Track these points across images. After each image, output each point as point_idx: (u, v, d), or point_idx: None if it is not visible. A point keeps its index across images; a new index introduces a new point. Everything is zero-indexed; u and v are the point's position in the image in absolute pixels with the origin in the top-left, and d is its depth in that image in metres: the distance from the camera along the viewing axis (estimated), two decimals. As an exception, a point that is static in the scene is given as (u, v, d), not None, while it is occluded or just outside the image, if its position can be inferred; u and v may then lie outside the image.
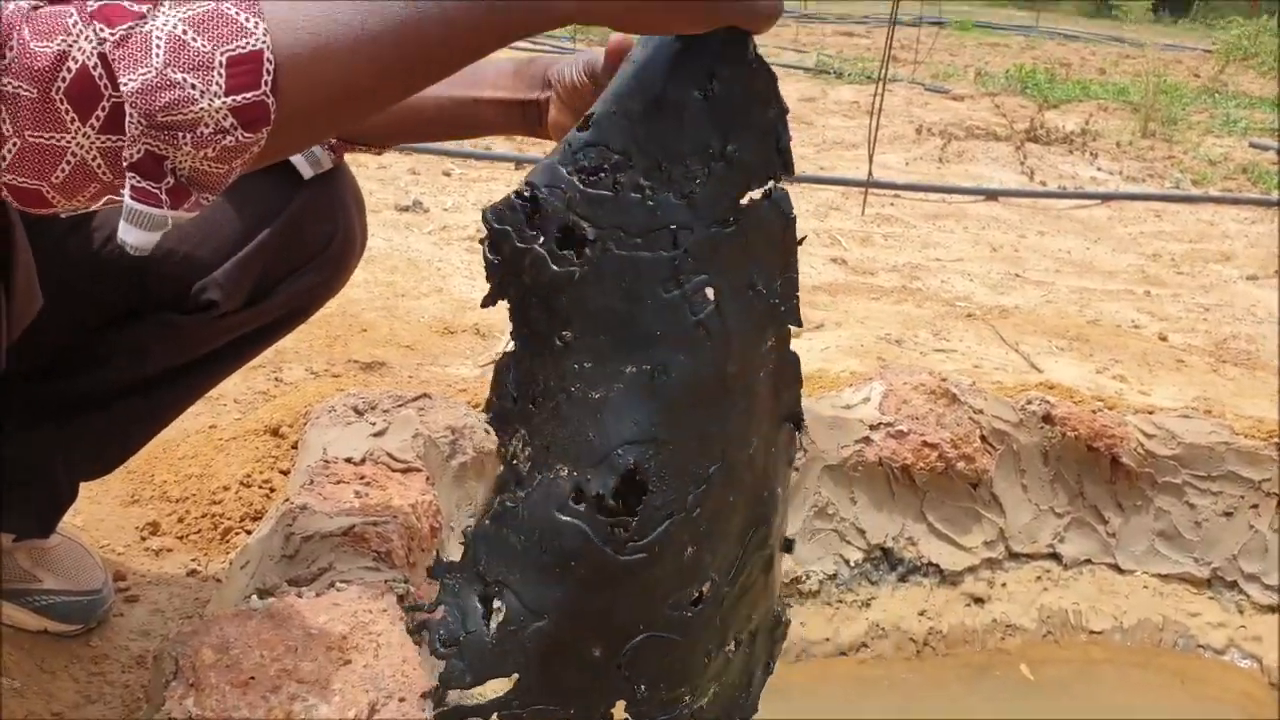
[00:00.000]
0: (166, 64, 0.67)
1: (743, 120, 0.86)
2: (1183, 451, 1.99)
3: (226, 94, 0.68)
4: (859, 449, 1.88)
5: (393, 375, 2.11)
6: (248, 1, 0.69)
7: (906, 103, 7.11)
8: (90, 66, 0.66)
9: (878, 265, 3.34)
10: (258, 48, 0.68)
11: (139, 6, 0.68)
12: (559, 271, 0.86)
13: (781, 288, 0.92)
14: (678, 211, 0.85)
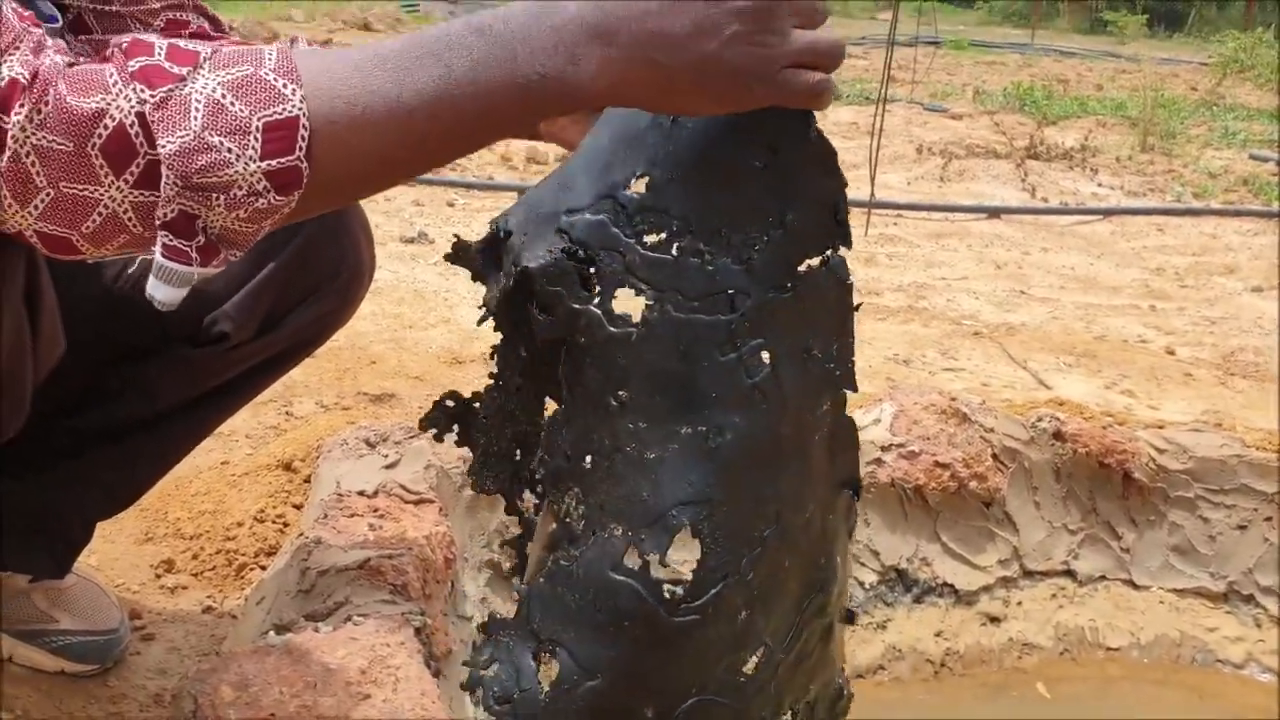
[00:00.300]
0: (205, 127, 0.68)
1: (802, 191, 0.87)
2: (1194, 465, 1.99)
3: (262, 158, 0.69)
4: (871, 470, 1.88)
5: (403, 407, 2.11)
6: (287, 68, 0.71)
7: (906, 122, 7.13)
8: (127, 125, 0.68)
9: (883, 285, 3.35)
10: (294, 114, 0.70)
11: (179, 69, 0.70)
12: (616, 333, 0.87)
13: (838, 352, 0.93)
14: (736, 277, 0.86)
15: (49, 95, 0.67)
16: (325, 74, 0.72)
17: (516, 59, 0.72)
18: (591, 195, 0.87)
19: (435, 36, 0.73)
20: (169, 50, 0.71)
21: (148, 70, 0.69)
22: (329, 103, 0.71)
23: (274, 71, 0.71)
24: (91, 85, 0.68)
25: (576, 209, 0.87)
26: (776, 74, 0.74)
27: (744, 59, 0.73)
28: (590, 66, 0.72)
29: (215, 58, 0.71)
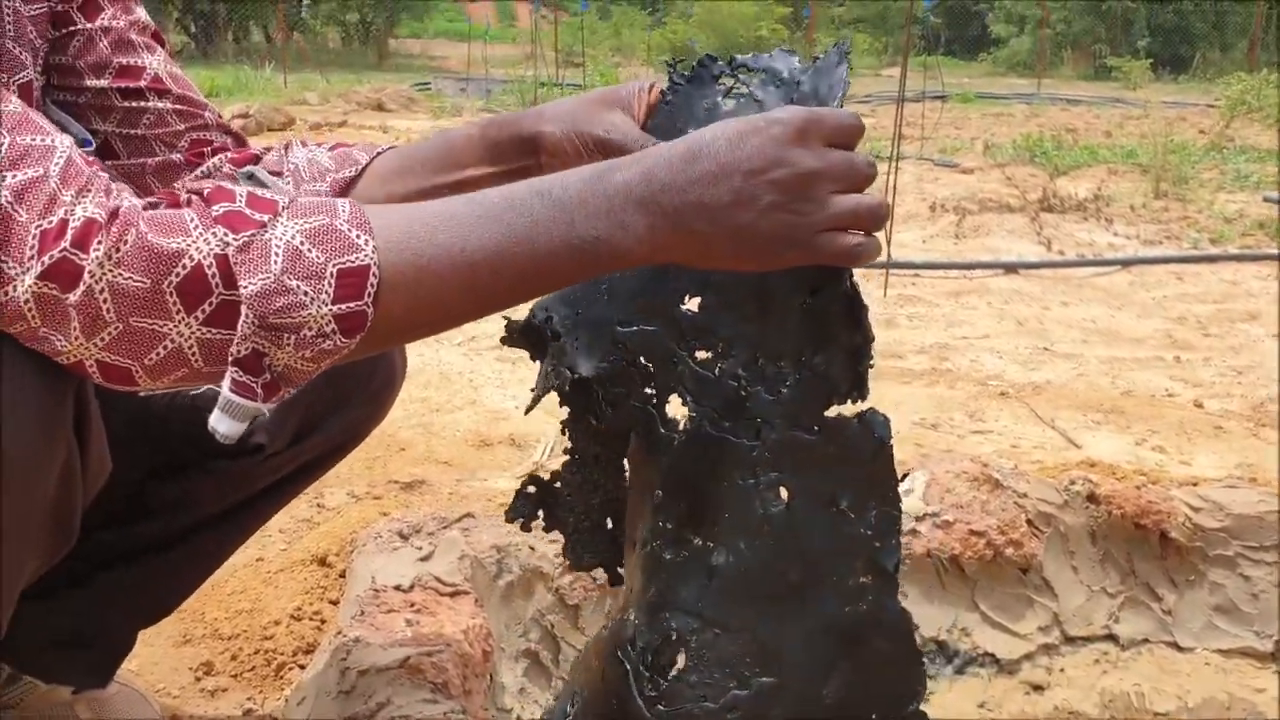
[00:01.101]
0: (284, 271, 0.73)
1: (832, 337, 0.91)
2: (1232, 523, 1.97)
3: (334, 302, 0.74)
4: (906, 541, 1.86)
5: (433, 493, 2.12)
6: (360, 218, 0.76)
7: (917, 179, 7.18)
8: (205, 265, 0.72)
9: (905, 348, 3.35)
10: (365, 263, 0.75)
11: (260, 215, 0.74)
12: (664, 436, 0.92)
13: (877, 520, 0.91)
14: (766, 407, 0.90)
15: (129, 235, 0.71)
16: (394, 228, 0.76)
17: (573, 223, 0.77)
18: (646, 307, 0.92)
19: (499, 198, 0.78)
20: (249, 198, 0.76)
21: (231, 216, 0.74)
22: (397, 254, 0.75)
23: (348, 222, 0.75)
24: (173, 228, 0.72)
25: (629, 321, 0.92)
26: (811, 239, 0.78)
27: (779, 227, 0.77)
28: (637, 232, 0.77)
29: (293, 207, 0.76)
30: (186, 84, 1.12)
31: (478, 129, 1.07)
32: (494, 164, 1.05)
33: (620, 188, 0.77)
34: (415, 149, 1.12)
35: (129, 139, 1.08)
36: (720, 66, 0.95)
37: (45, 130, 0.75)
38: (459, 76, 17.38)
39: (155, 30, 1.12)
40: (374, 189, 1.10)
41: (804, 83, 0.90)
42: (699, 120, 0.94)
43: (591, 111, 0.99)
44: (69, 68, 1.06)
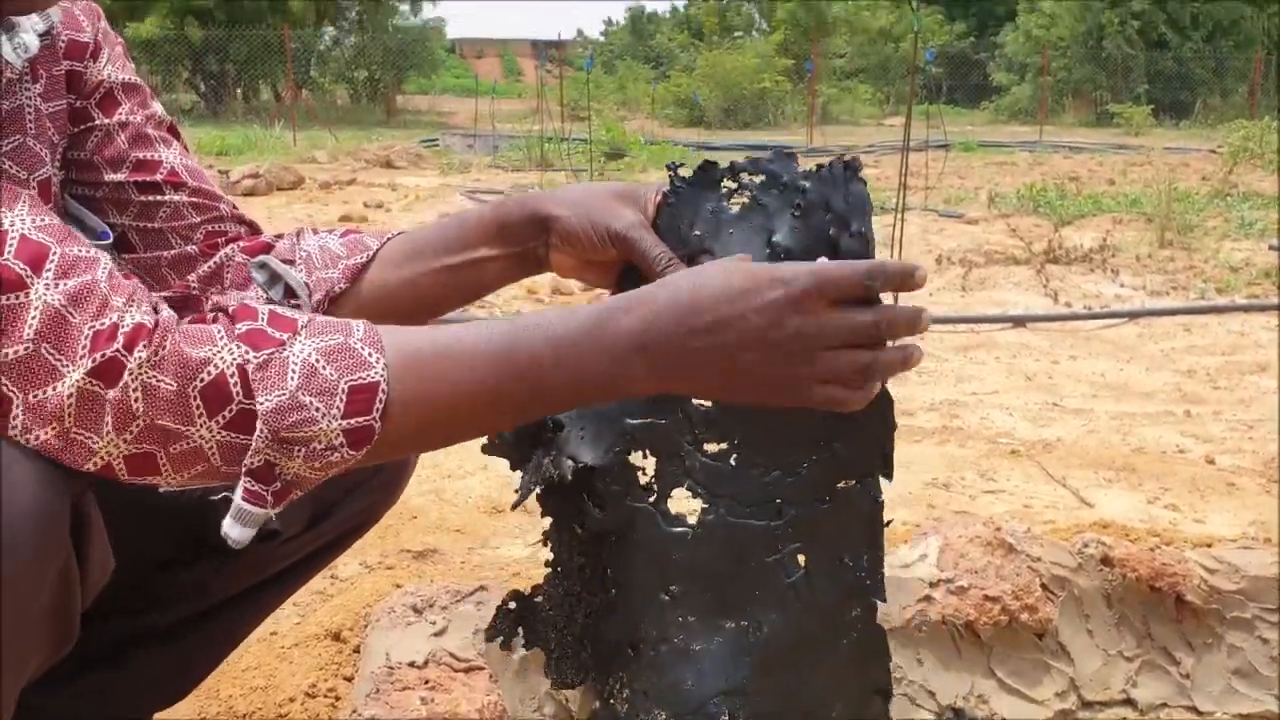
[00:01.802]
0: (299, 388, 0.78)
1: (856, 429, 0.94)
2: (1247, 585, 1.96)
3: (343, 417, 0.78)
4: (921, 609, 1.86)
5: (445, 562, 2.12)
6: (373, 338, 0.81)
7: (923, 230, 7.22)
8: (228, 375, 0.77)
9: (915, 404, 3.35)
10: (375, 379, 0.79)
11: (280, 334, 0.79)
12: (672, 532, 0.94)
13: (868, 563, 0.98)
14: (785, 488, 0.94)
15: (167, 342, 0.77)
16: (405, 351, 0.81)
17: (576, 367, 0.81)
18: (655, 401, 0.93)
19: (503, 337, 0.82)
20: (271, 317, 0.80)
21: (253, 334, 0.79)
22: (406, 377, 0.80)
23: (361, 340, 0.80)
24: (202, 339, 0.78)
25: (638, 414, 0.93)
26: (801, 389, 0.81)
27: (771, 380, 0.81)
28: (637, 374, 0.81)
29: (311, 325, 0.80)
30: (202, 176, 1.14)
31: (490, 209, 1.09)
32: (505, 245, 1.07)
33: (623, 334, 0.80)
34: (426, 232, 1.13)
35: (145, 232, 1.10)
36: (722, 170, 0.97)
37: (85, 242, 0.80)
38: (466, 132, 17.57)
39: (171, 124, 1.15)
40: (385, 274, 1.12)
41: (810, 191, 0.92)
42: (705, 220, 0.96)
43: (607, 204, 1.01)
44: (87, 163, 1.08)
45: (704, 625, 0.94)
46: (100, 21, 1.11)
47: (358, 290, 1.11)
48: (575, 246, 1.03)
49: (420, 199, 9.25)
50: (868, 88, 31.99)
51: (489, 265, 1.08)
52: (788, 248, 0.92)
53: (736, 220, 0.95)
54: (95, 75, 1.08)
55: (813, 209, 0.92)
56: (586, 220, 1.01)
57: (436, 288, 1.10)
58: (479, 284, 1.11)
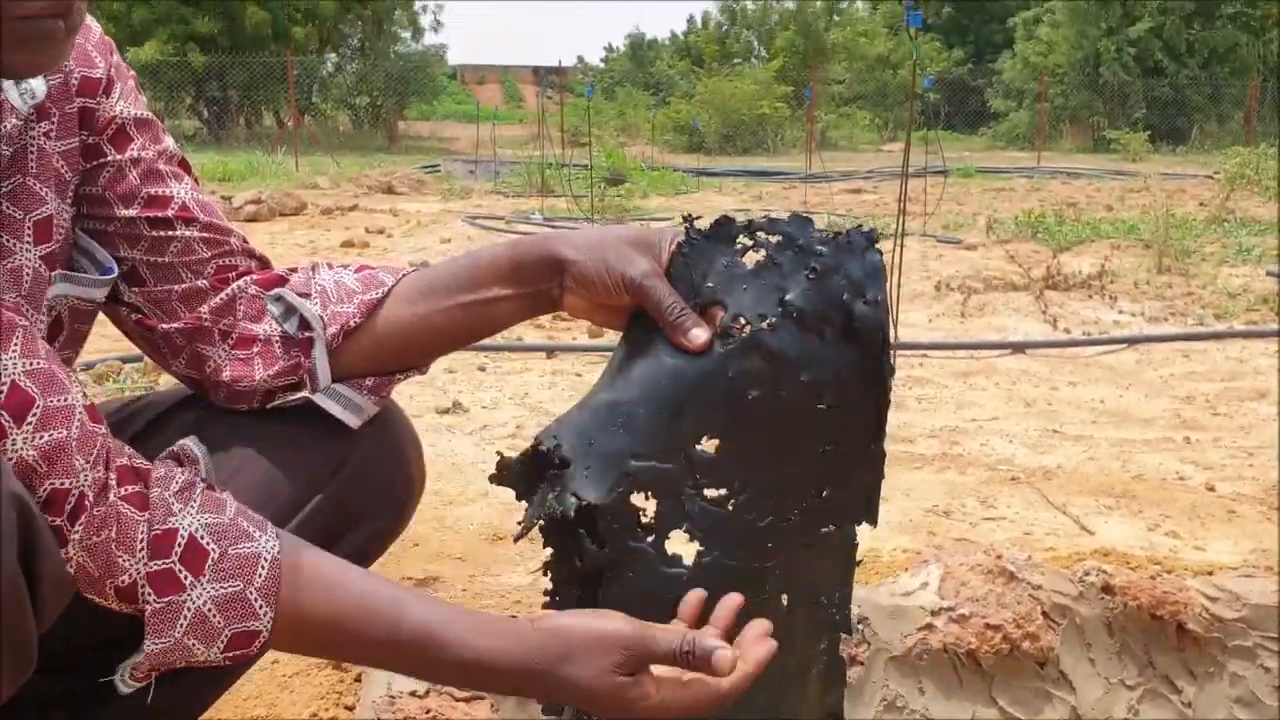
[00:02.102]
0: (186, 633, 0.89)
1: (846, 478, 0.97)
2: (1249, 613, 1.96)
3: (223, 651, 0.90)
4: (922, 637, 1.86)
5: (447, 590, 2.12)
6: (270, 590, 0.90)
7: (921, 256, 7.24)
8: (138, 587, 0.89)
9: (915, 431, 3.36)
10: (258, 629, 0.90)
11: (186, 576, 0.89)
12: (669, 573, 0.95)
13: (839, 599, 1.02)
14: (776, 534, 0.96)
15: (102, 533, 0.87)
16: (298, 606, 0.91)
17: (440, 665, 0.93)
18: (661, 443, 0.94)
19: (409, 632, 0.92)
20: (185, 549, 0.89)
21: (160, 576, 0.89)
22: (290, 628, 0.91)
23: (258, 591, 0.90)
24: (127, 542, 0.89)
25: (644, 454, 0.94)
26: None
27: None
28: (495, 686, 1.00)
29: (219, 565, 0.89)
30: (213, 211, 1.15)
31: (505, 249, 1.10)
32: (519, 285, 1.08)
33: (514, 668, 0.91)
34: (440, 270, 1.14)
35: (155, 266, 1.10)
36: (737, 227, 1.00)
37: (65, 386, 0.88)
38: (468, 158, 17.63)
39: (182, 158, 1.16)
40: (400, 310, 1.13)
41: (826, 255, 0.94)
42: (718, 274, 0.98)
43: (622, 250, 1.03)
44: (99, 198, 1.08)
45: None
46: (113, 56, 1.12)
47: (372, 325, 1.12)
48: (589, 290, 1.04)
49: (422, 225, 9.28)
50: (866, 114, 32.14)
51: (502, 304, 1.09)
52: (801, 308, 0.94)
53: (750, 276, 0.97)
54: (108, 111, 1.09)
55: (828, 273, 0.94)
56: (602, 265, 1.03)
57: (450, 325, 1.12)
58: (492, 322, 1.12)
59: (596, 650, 0.91)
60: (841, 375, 0.94)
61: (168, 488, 0.92)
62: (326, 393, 1.13)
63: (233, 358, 1.12)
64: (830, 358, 0.94)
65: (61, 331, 1.09)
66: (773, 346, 0.93)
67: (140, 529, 0.89)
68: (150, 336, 1.14)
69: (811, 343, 0.93)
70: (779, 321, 0.94)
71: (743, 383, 0.93)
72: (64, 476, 0.86)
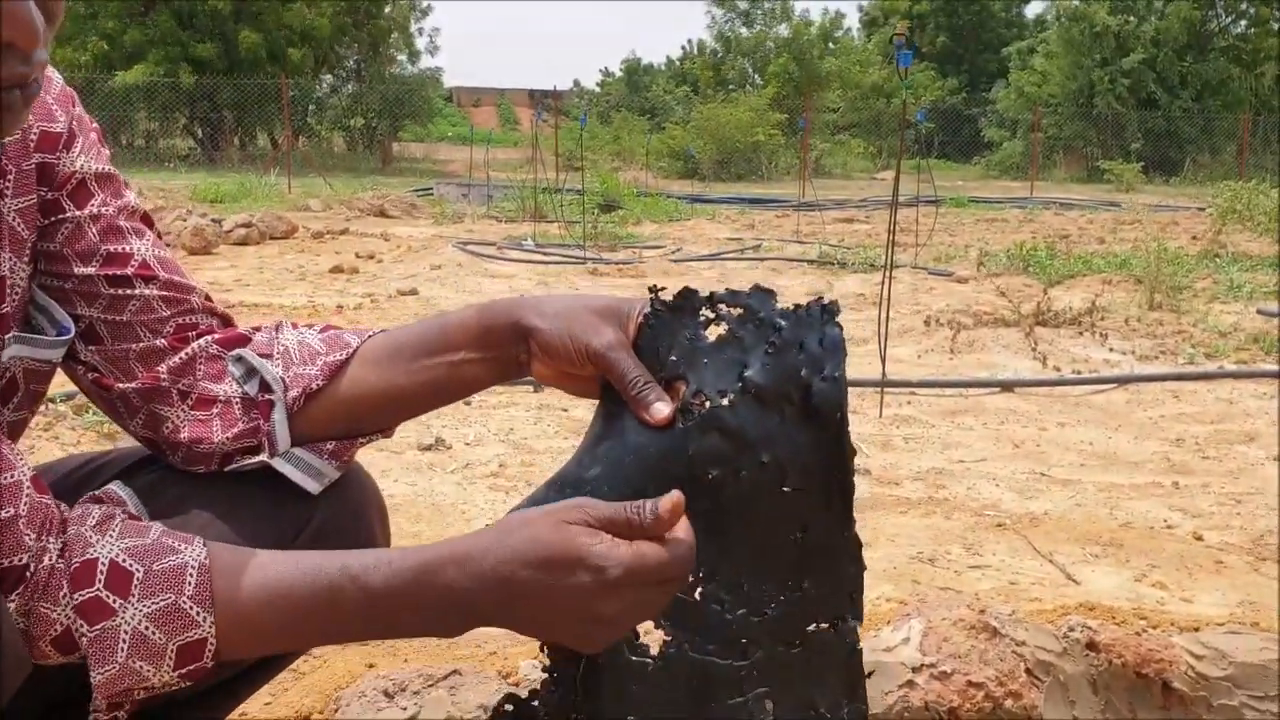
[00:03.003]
0: (129, 656, 0.86)
1: (826, 568, 0.93)
2: (1235, 671, 1.93)
3: (174, 669, 0.87)
4: (903, 694, 1.83)
5: (421, 641, 2.08)
6: (203, 595, 0.87)
7: (912, 289, 7.24)
8: (73, 631, 0.87)
9: (901, 473, 3.33)
10: (203, 636, 0.87)
11: (114, 600, 0.86)
12: (634, 661, 0.91)
13: (849, 715, 0.96)
14: (750, 628, 0.92)
15: (34, 600, 0.86)
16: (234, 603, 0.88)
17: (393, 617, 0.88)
18: None
19: (326, 586, 0.88)
20: (109, 576, 0.87)
21: (86, 606, 0.86)
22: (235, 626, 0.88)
23: (191, 600, 0.87)
24: (51, 596, 0.87)
25: None
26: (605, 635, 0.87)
27: (574, 638, 0.87)
28: (452, 626, 0.89)
29: (146, 582, 0.87)
30: (175, 268, 1.12)
31: (473, 312, 1.08)
32: (485, 350, 1.06)
33: (440, 592, 0.86)
34: (407, 331, 1.12)
35: (114, 325, 1.08)
36: (700, 299, 0.97)
37: (10, 463, 0.87)
38: (461, 181, 17.65)
39: (144, 214, 1.13)
40: (365, 372, 1.10)
41: (785, 329, 0.91)
42: (682, 347, 0.96)
43: (588, 320, 1.00)
44: (56, 254, 1.06)
45: None
46: (75, 108, 1.10)
47: (336, 387, 1.10)
48: (554, 359, 1.02)
49: (413, 250, 9.26)
50: (860, 142, 32.29)
51: (468, 368, 1.07)
52: (759, 384, 0.91)
53: (712, 350, 0.94)
54: (68, 166, 1.06)
55: (787, 348, 0.91)
56: (566, 335, 1.01)
57: (415, 387, 1.09)
58: (459, 385, 1.10)
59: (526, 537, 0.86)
60: (803, 456, 0.91)
61: (84, 524, 0.90)
62: (286, 457, 1.10)
63: (192, 418, 1.10)
64: (790, 438, 0.91)
65: (16, 392, 1.06)
66: (731, 424, 0.91)
67: (63, 576, 0.87)
68: (107, 396, 1.11)
69: (771, 421, 0.91)
70: (737, 398, 0.91)
71: (703, 461, 0.91)
72: (15, 554, 0.85)
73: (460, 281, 7.52)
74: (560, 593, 0.83)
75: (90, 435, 3.40)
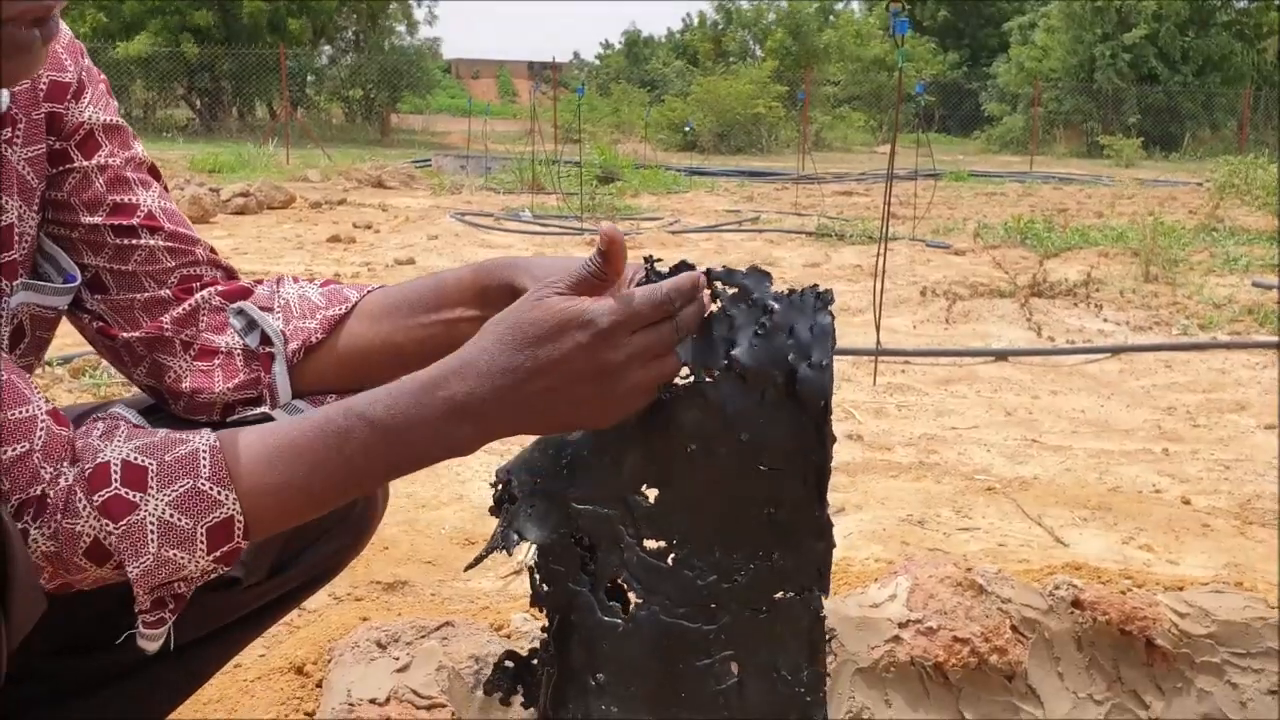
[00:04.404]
0: (160, 546, 0.86)
1: (795, 544, 0.95)
2: (1218, 629, 1.96)
3: (208, 554, 0.87)
4: (889, 649, 1.85)
5: (415, 594, 2.11)
6: (219, 473, 0.87)
7: (909, 261, 7.24)
8: (101, 539, 0.86)
9: (893, 439, 3.35)
10: (229, 514, 0.87)
11: (133, 494, 0.86)
12: (605, 621, 0.94)
13: (808, 679, 0.98)
14: (720, 594, 0.94)
15: (57, 517, 0.86)
16: (252, 474, 0.88)
17: (406, 444, 0.88)
18: (601, 489, 0.94)
19: (334, 431, 0.88)
20: (123, 473, 0.87)
21: (109, 504, 0.86)
22: (257, 497, 0.88)
23: (209, 480, 0.87)
24: (73, 511, 0.86)
25: (585, 499, 0.93)
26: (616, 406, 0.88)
27: (591, 408, 0.88)
28: (464, 437, 0.88)
29: (161, 472, 0.87)
30: (180, 220, 1.13)
31: (469, 271, 1.10)
32: (480, 308, 1.07)
33: (445, 404, 0.86)
34: (405, 288, 1.13)
35: (119, 274, 1.09)
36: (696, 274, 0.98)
37: (26, 397, 0.87)
38: (459, 153, 17.59)
39: (152, 165, 1.14)
40: (363, 327, 1.12)
41: (778, 312, 0.92)
42: None
43: None
44: (64, 203, 1.07)
45: (625, 718, 0.95)
46: (84, 59, 1.11)
47: (335, 342, 1.12)
48: None
49: (410, 220, 9.25)
50: (861, 115, 32.17)
51: (464, 326, 1.07)
52: (745, 364, 0.92)
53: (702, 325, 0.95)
54: (76, 117, 1.07)
55: (776, 331, 0.92)
56: (564, 282, 1.00)
57: (412, 344, 1.10)
58: (452, 342, 1.09)
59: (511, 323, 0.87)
60: (781, 438, 0.92)
61: (90, 436, 0.91)
62: (287, 409, 1.11)
63: (194, 369, 1.11)
64: (770, 419, 0.92)
65: (24, 339, 1.07)
66: (713, 400, 0.92)
67: (79, 501, 0.87)
68: (111, 344, 1.12)
69: (752, 401, 0.92)
70: (721, 375, 0.92)
71: (682, 434, 0.92)
72: (30, 486, 0.85)
73: (457, 251, 7.52)
74: (562, 360, 0.85)
75: (85, 398, 3.42)
